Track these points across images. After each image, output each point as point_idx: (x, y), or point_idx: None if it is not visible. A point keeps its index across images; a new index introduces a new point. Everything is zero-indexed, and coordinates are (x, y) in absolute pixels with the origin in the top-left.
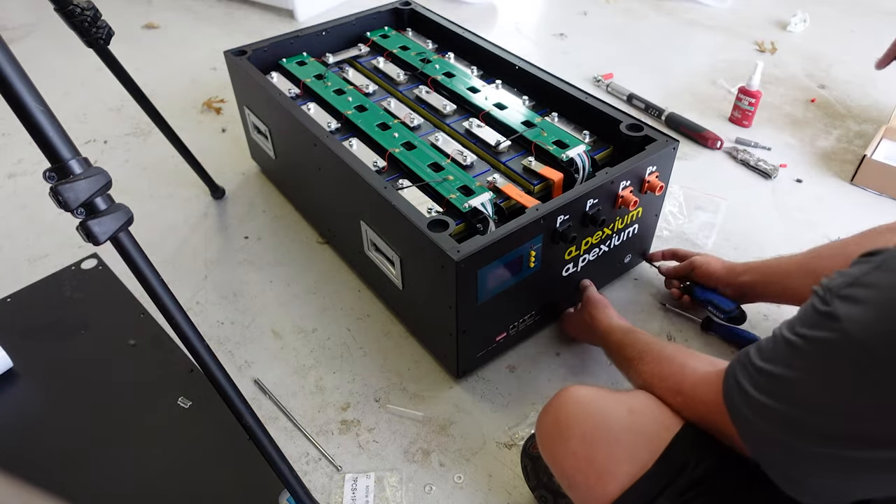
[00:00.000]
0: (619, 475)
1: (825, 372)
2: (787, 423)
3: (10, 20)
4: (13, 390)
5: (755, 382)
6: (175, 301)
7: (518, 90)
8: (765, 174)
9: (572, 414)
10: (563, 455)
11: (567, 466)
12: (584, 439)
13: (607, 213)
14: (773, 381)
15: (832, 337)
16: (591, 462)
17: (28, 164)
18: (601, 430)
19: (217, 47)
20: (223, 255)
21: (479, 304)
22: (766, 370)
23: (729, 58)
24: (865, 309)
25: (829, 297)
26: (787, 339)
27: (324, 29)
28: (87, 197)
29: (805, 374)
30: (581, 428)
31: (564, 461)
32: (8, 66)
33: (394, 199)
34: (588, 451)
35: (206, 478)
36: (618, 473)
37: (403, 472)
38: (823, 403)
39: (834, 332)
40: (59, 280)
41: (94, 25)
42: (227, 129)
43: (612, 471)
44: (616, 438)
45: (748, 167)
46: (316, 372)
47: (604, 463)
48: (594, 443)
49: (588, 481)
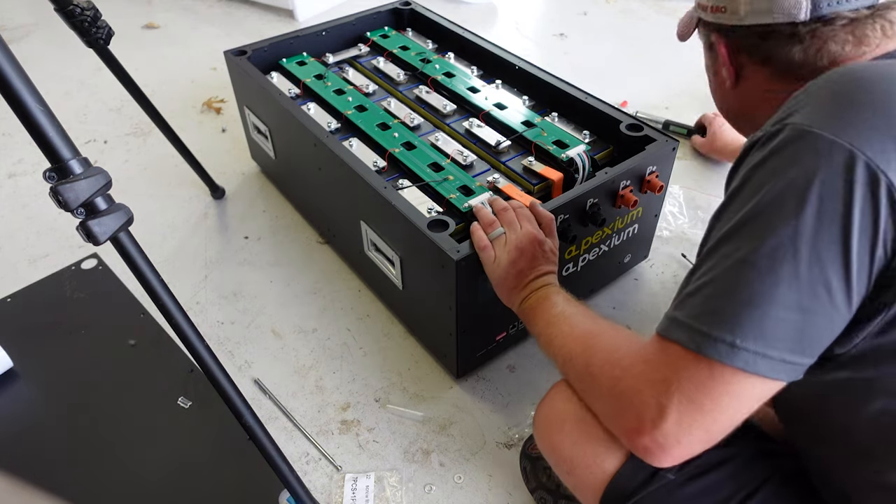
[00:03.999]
0: (617, 451)
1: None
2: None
3: (10, 20)
4: (13, 390)
5: (697, 301)
6: (175, 301)
7: (518, 90)
8: None
9: (568, 398)
10: (559, 440)
11: (564, 450)
12: (580, 422)
13: (607, 212)
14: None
15: (787, 135)
16: (589, 441)
17: (28, 164)
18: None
19: (217, 47)
20: (223, 255)
21: (479, 303)
22: (709, 277)
23: None
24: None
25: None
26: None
27: (324, 29)
28: (87, 197)
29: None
30: (576, 413)
31: (562, 445)
32: (8, 66)
33: (394, 199)
34: (584, 432)
35: (206, 478)
36: (616, 449)
37: (403, 472)
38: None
39: (787, 132)
40: (59, 280)
41: (94, 25)
42: (227, 129)
43: (609, 448)
44: None
45: None
46: (316, 372)
47: (601, 441)
48: (591, 423)
49: (586, 461)
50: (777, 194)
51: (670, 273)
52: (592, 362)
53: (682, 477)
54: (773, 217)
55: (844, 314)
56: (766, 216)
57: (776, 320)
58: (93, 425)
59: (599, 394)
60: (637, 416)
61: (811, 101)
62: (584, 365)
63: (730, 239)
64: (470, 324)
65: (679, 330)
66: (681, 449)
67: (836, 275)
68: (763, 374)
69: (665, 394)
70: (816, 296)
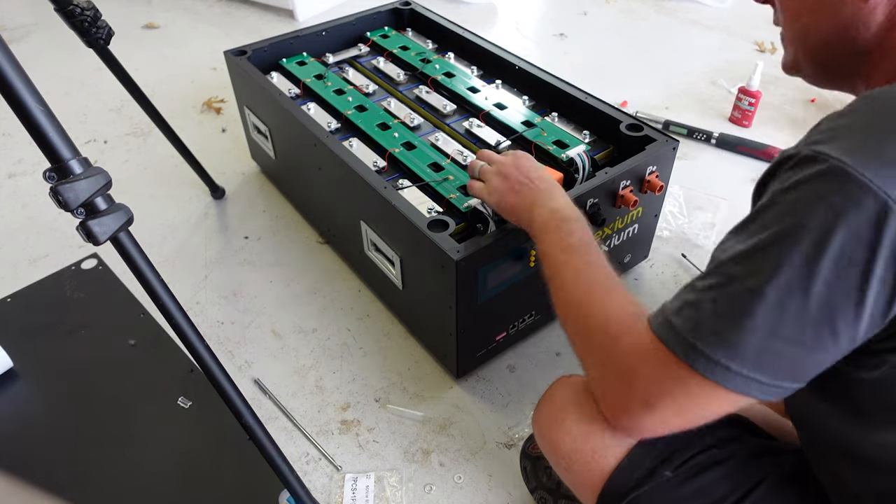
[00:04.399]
0: (616, 448)
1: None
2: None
3: (10, 20)
4: (13, 390)
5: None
6: (175, 301)
7: (518, 90)
8: None
9: (568, 397)
10: (559, 436)
11: (563, 446)
12: (580, 419)
13: (607, 212)
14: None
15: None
16: (588, 438)
17: (28, 164)
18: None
19: (217, 47)
20: (223, 255)
21: (479, 303)
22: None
23: (729, 58)
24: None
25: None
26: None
27: (324, 29)
28: (87, 197)
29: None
30: (576, 410)
31: (561, 442)
32: (8, 66)
33: (394, 199)
34: (584, 429)
35: (206, 478)
36: (614, 447)
37: (403, 472)
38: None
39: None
40: (59, 280)
41: (94, 25)
42: (227, 129)
43: (608, 445)
44: None
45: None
46: (316, 372)
47: (600, 438)
48: (590, 421)
49: (585, 458)
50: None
51: (670, 273)
52: (591, 324)
53: (679, 475)
54: (792, 251)
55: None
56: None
57: (775, 352)
58: (93, 425)
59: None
60: (623, 400)
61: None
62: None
63: (745, 261)
64: (470, 324)
65: (676, 340)
66: (654, 434)
67: (845, 321)
68: (753, 396)
69: (655, 395)
70: (820, 337)
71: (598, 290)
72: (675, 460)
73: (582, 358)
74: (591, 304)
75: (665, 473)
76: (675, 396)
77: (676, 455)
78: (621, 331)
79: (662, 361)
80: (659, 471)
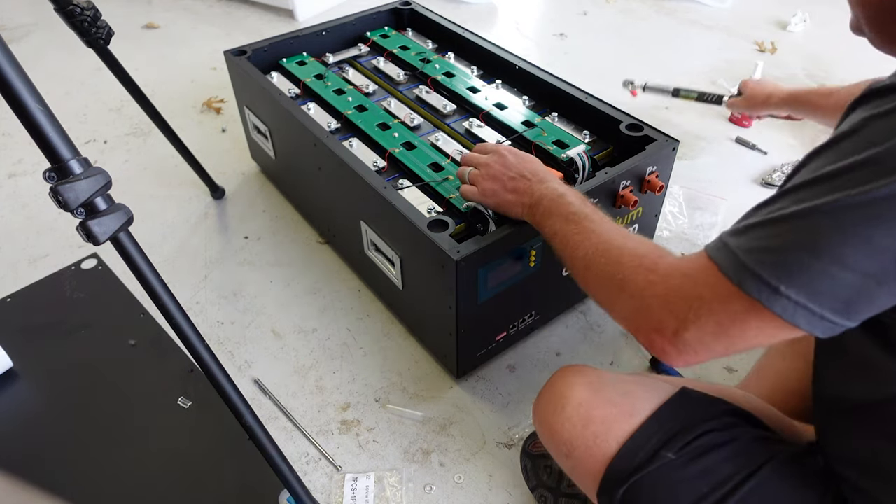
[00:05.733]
0: (617, 432)
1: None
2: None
3: (10, 20)
4: (13, 390)
5: (768, 231)
6: (175, 301)
7: (518, 90)
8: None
9: (569, 383)
10: (559, 423)
11: (564, 433)
12: (581, 405)
13: (607, 212)
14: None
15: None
16: (588, 424)
17: (28, 164)
18: (597, 394)
19: (217, 47)
20: (223, 255)
21: (479, 303)
22: (779, 215)
23: (729, 58)
24: None
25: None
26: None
27: (324, 29)
28: (87, 197)
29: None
30: (578, 395)
31: (562, 429)
32: (8, 66)
33: (394, 199)
34: (584, 414)
35: (206, 478)
36: (615, 431)
37: (403, 472)
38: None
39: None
40: (59, 280)
41: (94, 25)
42: (227, 129)
43: (610, 430)
44: (612, 400)
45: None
46: (316, 372)
47: (600, 423)
48: (590, 405)
49: (586, 442)
50: (885, 156)
51: None
52: (623, 262)
53: (682, 457)
54: (876, 174)
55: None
56: (869, 171)
57: (830, 277)
58: (93, 425)
59: (626, 294)
60: (662, 322)
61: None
62: (614, 262)
63: (820, 182)
64: (470, 324)
65: (727, 258)
66: (695, 358)
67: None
68: (798, 324)
69: (696, 311)
70: (886, 271)
71: (617, 236)
72: (677, 442)
73: (612, 301)
74: (616, 246)
75: (668, 455)
76: (719, 316)
77: (679, 437)
78: (657, 260)
79: (710, 279)
80: (661, 453)
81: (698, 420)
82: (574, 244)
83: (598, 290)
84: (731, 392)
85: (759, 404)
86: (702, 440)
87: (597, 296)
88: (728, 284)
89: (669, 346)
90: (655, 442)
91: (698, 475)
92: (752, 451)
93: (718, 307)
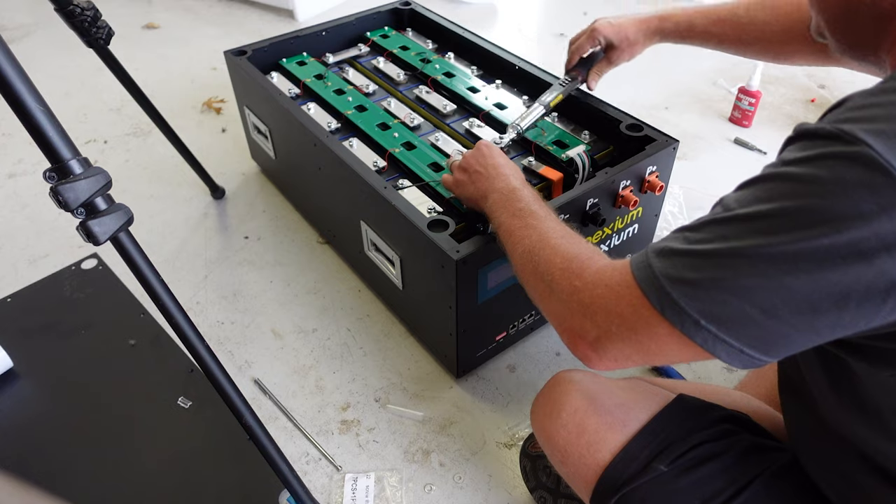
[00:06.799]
0: (611, 442)
1: (837, 185)
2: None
3: (10, 20)
4: (13, 390)
5: (690, 263)
6: (175, 301)
7: (518, 90)
8: None
9: (565, 390)
10: (555, 429)
11: (559, 439)
12: (576, 412)
13: (607, 212)
14: (725, 238)
15: (848, 151)
16: (583, 432)
17: (28, 164)
18: (592, 403)
19: (217, 47)
20: (223, 255)
21: (479, 303)
22: (703, 249)
23: (729, 58)
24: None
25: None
26: (755, 184)
27: (324, 29)
28: (87, 197)
29: (799, 199)
30: (573, 403)
31: (557, 434)
32: (8, 66)
33: (394, 199)
34: (579, 421)
35: (206, 478)
36: (609, 440)
37: (403, 472)
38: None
39: (851, 146)
40: (59, 280)
41: (94, 25)
42: (227, 129)
43: (603, 438)
44: (606, 409)
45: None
46: (316, 372)
47: (594, 432)
48: (585, 414)
49: (580, 451)
50: (811, 212)
51: None
52: (554, 262)
53: (674, 469)
54: (798, 225)
55: (827, 338)
56: (791, 221)
57: (750, 318)
58: (93, 425)
59: (555, 296)
60: (584, 329)
61: (889, 111)
62: (546, 262)
63: (746, 222)
64: (470, 324)
65: (651, 283)
66: (615, 365)
67: (828, 316)
68: (718, 356)
69: (617, 325)
70: (800, 313)
71: (554, 236)
72: (670, 454)
73: (542, 299)
74: (550, 246)
75: (660, 468)
76: (639, 335)
77: (671, 449)
78: (585, 265)
79: (632, 298)
80: (653, 465)
81: (692, 430)
82: (515, 239)
83: (531, 287)
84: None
85: (757, 406)
86: (695, 452)
87: (530, 293)
88: (650, 308)
89: (591, 352)
90: (648, 453)
91: (689, 488)
92: (744, 465)
93: (639, 328)
